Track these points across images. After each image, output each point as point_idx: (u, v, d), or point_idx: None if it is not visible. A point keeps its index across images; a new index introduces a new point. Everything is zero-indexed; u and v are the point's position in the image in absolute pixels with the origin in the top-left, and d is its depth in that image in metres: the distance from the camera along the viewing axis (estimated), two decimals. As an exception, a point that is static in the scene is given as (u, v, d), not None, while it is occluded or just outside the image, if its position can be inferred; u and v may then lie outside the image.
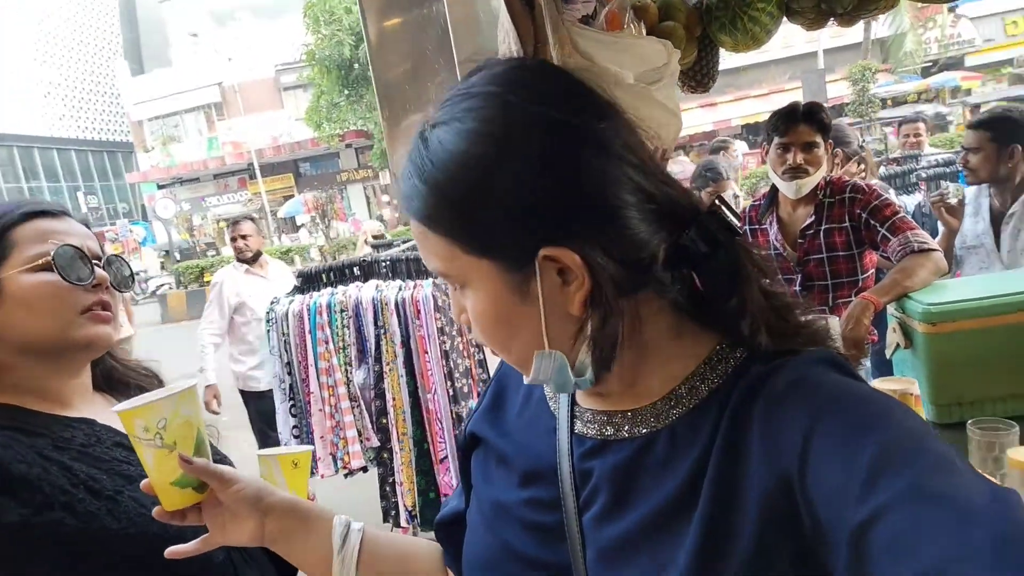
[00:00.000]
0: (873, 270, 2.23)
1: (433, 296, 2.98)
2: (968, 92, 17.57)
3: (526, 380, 0.62)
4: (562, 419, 0.66)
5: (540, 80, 0.58)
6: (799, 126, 2.13)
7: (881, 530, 0.42)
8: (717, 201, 0.58)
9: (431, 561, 0.84)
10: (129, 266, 1.02)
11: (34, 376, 0.90)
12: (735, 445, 0.54)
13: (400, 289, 3.01)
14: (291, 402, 2.90)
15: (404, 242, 3.89)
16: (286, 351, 2.87)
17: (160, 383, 1.06)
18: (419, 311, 2.99)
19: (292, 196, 24.03)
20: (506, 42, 1.00)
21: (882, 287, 1.85)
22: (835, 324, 1.87)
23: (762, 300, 0.58)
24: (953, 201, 2.43)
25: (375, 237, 9.22)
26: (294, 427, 2.90)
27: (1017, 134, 2.27)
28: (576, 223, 0.54)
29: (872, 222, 2.06)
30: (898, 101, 17.21)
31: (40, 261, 0.88)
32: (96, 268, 0.93)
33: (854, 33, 18.21)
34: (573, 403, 0.67)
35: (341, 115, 19.92)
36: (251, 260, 3.80)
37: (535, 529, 0.65)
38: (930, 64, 19.28)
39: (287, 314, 2.88)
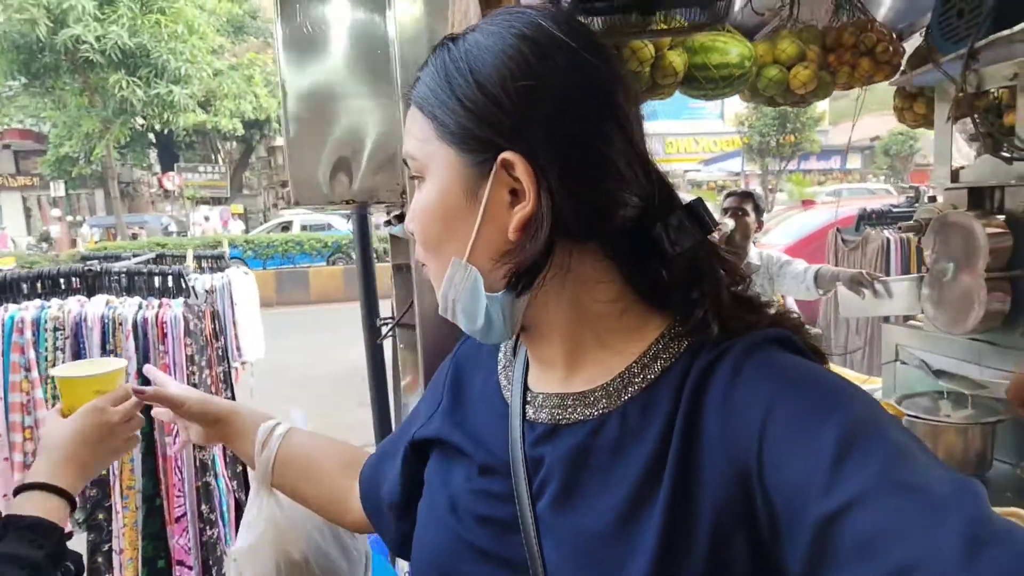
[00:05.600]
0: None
1: (184, 317, 2.54)
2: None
3: (441, 309, 0.62)
4: (514, 405, 0.64)
5: (573, 21, 0.60)
6: None
7: (848, 526, 0.42)
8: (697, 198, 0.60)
9: (338, 463, 0.89)
10: None
11: None
12: (693, 431, 0.53)
13: (141, 307, 2.49)
14: (-38, 448, 2.14)
15: (135, 255, 3.25)
16: (-37, 378, 2.13)
17: None
18: (165, 335, 2.50)
19: (-87, 197, 18.54)
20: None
21: None
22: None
23: (726, 298, 0.58)
24: (717, 236, 2.88)
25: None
26: (-36, 482, 2.14)
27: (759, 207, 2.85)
28: (547, 142, 0.55)
29: None
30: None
31: None
32: None
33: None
34: (525, 388, 0.65)
35: (3, 109, 16.22)
36: None
37: (489, 523, 0.62)
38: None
39: (-31, 329, 2.16)
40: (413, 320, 1.33)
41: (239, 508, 2.85)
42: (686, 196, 0.60)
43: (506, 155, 0.55)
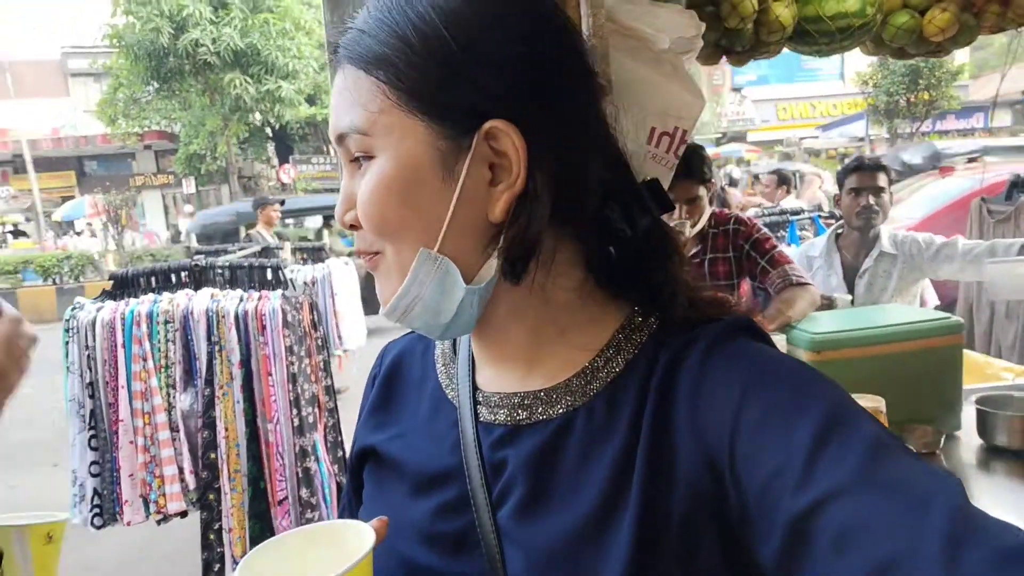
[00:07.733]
0: (744, 299, 2.33)
1: (282, 309, 2.62)
2: (749, 163, 20.50)
3: (383, 310, 0.53)
4: (464, 405, 0.58)
5: None
6: (682, 183, 2.13)
7: (825, 521, 0.40)
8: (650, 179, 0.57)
9: None
10: None
11: None
12: (663, 424, 0.50)
13: (242, 300, 2.60)
14: (91, 432, 2.33)
15: (241, 248, 3.42)
16: (89, 368, 2.31)
17: None
18: (264, 326, 2.60)
19: (72, 197, 20.82)
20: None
21: (768, 316, 1.91)
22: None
23: (681, 274, 0.56)
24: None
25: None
26: (93, 463, 2.33)
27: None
28: (537, 108, 0.50)
29: (753, 254, 2.15)
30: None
31: None
32: None
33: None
34: (475, 388, 0.59)
35: (142, 112, 17.75)
36: None
37: (441, 538, 0.56)
38: (720, 136, 22.17)
39: (94, 323, 2.33)
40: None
41: (341, 491, 2.95)
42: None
43: (494, 124, 0.49)
